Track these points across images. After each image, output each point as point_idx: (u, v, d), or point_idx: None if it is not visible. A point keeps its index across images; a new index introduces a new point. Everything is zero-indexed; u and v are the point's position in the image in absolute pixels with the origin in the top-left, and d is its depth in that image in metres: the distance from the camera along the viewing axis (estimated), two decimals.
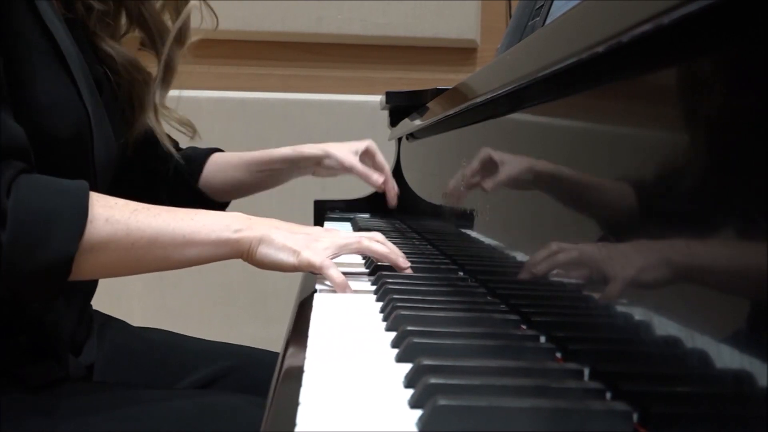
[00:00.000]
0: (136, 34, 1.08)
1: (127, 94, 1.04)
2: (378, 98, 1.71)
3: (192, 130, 1.15)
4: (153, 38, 1.05)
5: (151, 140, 1.12)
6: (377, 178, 1.27)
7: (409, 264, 0.90)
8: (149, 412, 0.83)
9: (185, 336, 1.15)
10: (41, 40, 0.81)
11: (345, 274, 0.83)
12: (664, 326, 0.42)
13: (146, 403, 0.84)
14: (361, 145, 1.31)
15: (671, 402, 0.42)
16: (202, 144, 1.23)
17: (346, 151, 1.27)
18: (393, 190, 1.35)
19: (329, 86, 2.16)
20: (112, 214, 0.77)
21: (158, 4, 1.06)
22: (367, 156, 1.32)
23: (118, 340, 1.06)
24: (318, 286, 0.83)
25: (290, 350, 0.58)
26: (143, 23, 1.05)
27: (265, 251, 0.82)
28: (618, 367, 0.48)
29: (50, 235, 0.72)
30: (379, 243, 0.89)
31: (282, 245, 0.82)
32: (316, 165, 1.28)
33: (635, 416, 0.43)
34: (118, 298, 1.95)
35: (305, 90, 2.15)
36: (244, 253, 0.82)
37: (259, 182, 1.26)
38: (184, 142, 1.21)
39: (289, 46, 2.14)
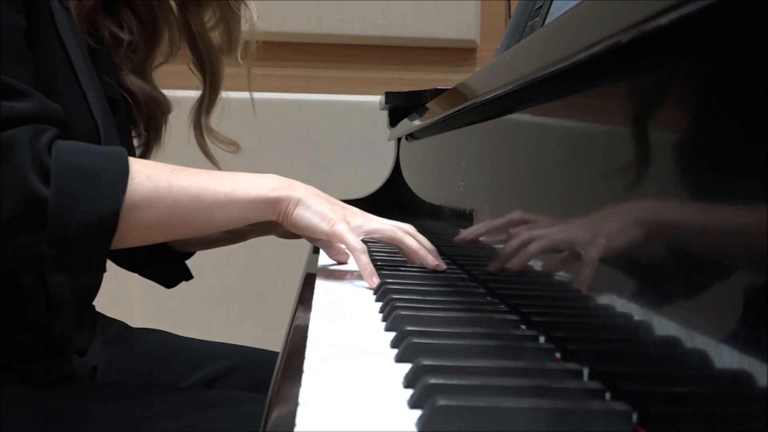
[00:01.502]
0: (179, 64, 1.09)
1: (144, 126, 1.06)
2: (377, 98, 1.71)
3: (236, 147, 1.13)
4: (200, 55, 1.05)
5: None
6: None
7: (438, 262, 0.90)
8: (150, 410, 0.83)
9: (185, 337, 1.15)
10: (58, 51, 0.82)
11: (344, 272, 0.83)
12: (663, 326, 0.42)
13: (148, 401, 0.84)
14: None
15: (671, 402, 0.42)
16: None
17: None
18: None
19: (328, 86, 2.16)
20: (153, 172, 0.77)
21: (209, 21, 1.05)
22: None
23: (119, 341, 1.07)
24: (318, 286, 0.83)
25: (289, 351, 0.58)
26: (192, 41, 1.04)
27: (302, 213, 0.82)
28: (617, 368, 0.48)
29: (94, 190, 0.72)
30: (411, 236, 0.89)
31: (318, 211, 0.83)
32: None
33: (635, 416, 0.43)
34: (118, 300, 1.95)
35: (304, 90, 2.15)
36: (281, 213, 0.82)
37: (222, 240, 1.11)
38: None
39: (289, 47, 2.14)
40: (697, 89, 0.40)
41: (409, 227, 0.92)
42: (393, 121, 1.65)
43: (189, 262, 1.15)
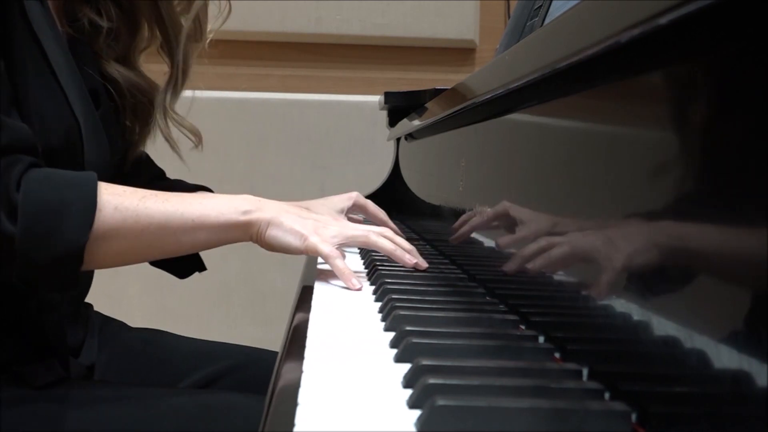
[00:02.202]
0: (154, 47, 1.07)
1: (131, 115, 1.04)
2: (377, 98, 1.72)
3: (199, 139, 1.11)
4: (168, 38, 1.03)
5: (148, 159, 1.13)
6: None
7: (416, 260, 0.90)
8: (150, 410, 0.83)
9: (184, 337, 1.15)
10: (32, 49, 0.81)
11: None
12: (662, 326, 0.42)
13: (147, 401, 0.84)
14: (345, 202, 1.12)
15: (670, 402, 0.42)
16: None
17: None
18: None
19: (328, 86, 2.16)
20: (120, 202, 0.78)
21: (177, 5, 1.04)
22: (357, 210, 1.16)
23: (118, 341, 1.07)
24: (317, 286, 0.83)
25: (289, 350, 0.58)
26: (160, 23, 1.03)
27: (274, 233, 0.83)
28: (616, 368, 0.49)
29: (61, 226, 0.73)
30: (386, 239, 0.90)
31: (290, 228, 0.83)
32: None
33: (634, 416, 0.43)
34: (117, 300, 1.95)
35: (304, 90, 2.15)
36: (253, 235, 0.84)
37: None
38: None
39: (288, 47, 2.14)
40: (697, 89, 0.40)
41: (385, 230, 0.92)
42: (392, 121, 1.65)
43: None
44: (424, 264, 0.91)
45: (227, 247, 1.20)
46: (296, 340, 0.61)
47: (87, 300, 1.04)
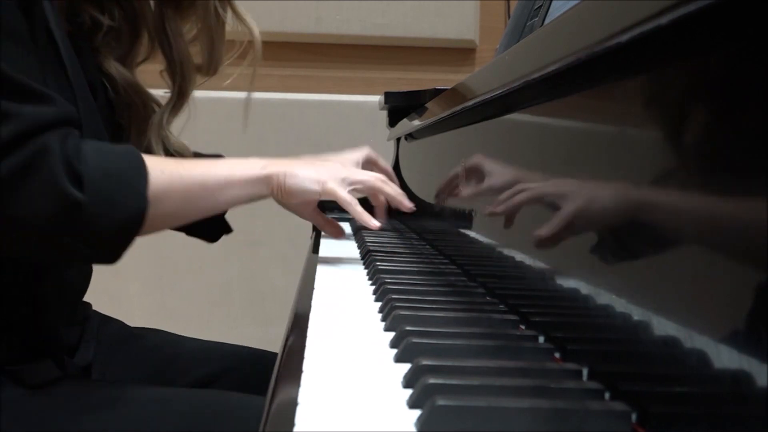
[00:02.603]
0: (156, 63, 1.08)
1: (125, 114, 1.05)
2: (377, 98, 1.71)
3: (187, 151, 1.13)
4: (173, 64, 1.05)
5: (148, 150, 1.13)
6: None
7: (411, 204, 1.02)
8: (148, 410, 0.83)
9: (184, 336, 1.15)
10: (46, 41, 0.82)
11: (344, 272, 0.83)
12: (662, 326, 0.42)
13: (145, 400, 0.84)
14: (358, 155, 1.18)
15: (670, 402, 0.42)
16: (201, 147, 1.23)
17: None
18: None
19: (328, 86, 2.16)
20: (165, 166, 0.83)
21: (189, 34, 1.05)
22: (369, 164, 1.21)
23: (117, 340, 1.07)
24: (317, 285, 0.83)
25: (289, 350, 0.58)
26: (163, 43, 1.04)
27: (292, 182, 0.91)
28: (616, 368, 0.48)
29: (122, 190, 0.77)
30: (388, 185, 1.00)
31: (306, 176, 0.92)
32: None
33: (634, 416, 0.43)
34: (116, 299, 1.95)
35: (304, 90, 2.15)
36: (273, 187, 0.91)
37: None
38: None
39: (288, 47, 2.14)
40: (697, 89, 0.40)
41: (384, 177, 1.02)
42: (392, 121, 1.65)
43: (189, 261, 1.16)
44: (412, 206, 1.03)
45: (227, 247, 1.21)
46: (296, 340, 0.61)
47: (86, 299, 1.04)
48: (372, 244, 1.11)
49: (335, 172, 0.95)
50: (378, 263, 0.93)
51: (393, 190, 1.00)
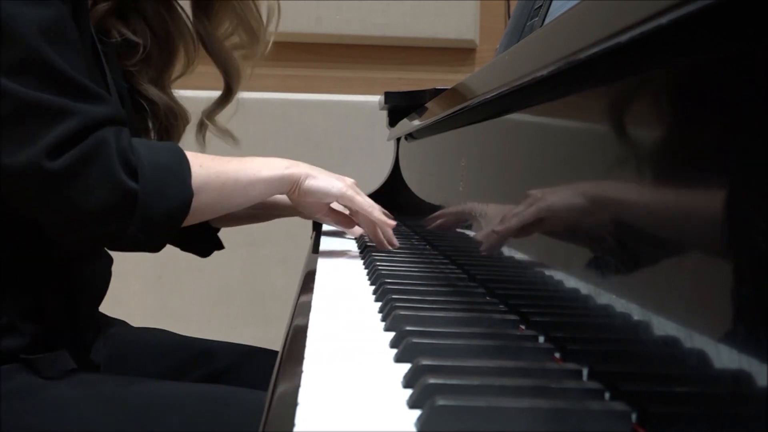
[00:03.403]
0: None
1: (160, 132, 1.12)
2: (377, 98, 1.71)
3: (232, 139, 1.21)
4: (220, 68, 1.14)
5: None
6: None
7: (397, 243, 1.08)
8: (155, 401, 0.84)
9: (185, 336, 1.15)
10: (91, 51, 0.89)
11: (344, 271, 0.83)
12: (662, 326, 0.42)
13: (152, 394, 0.85)
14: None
15: (670, 402, 0.42)
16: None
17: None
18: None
19: (328, 86, 2.16)
20: (202, 161, 0.89)
21: (228, 28, 1.12)
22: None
23: (119, 340, 1.07)
24: (317, 286, 0.83)
25: (289, 350, 0.58)
26: (211, 53, 1.12)
27: (312, 183, 0.98)
28: (616, 367, 0.48)
29: (171, 182, 0.83)
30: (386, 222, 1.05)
31: (326, 179, 1.00)
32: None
33: (634, 416, 0.43)
34: (117, 299, 1.95)
35: (304, 90, 2.15)
36: (293, 186, 0.98)
37: (251, 218, 1.25)
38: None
39: (288, 46, 2.14)
40: (698, 89, 0.40)
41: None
42: (392, 121, 1.65)
43: (190, 262, 1.17)
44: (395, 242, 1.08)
45: (228, 247, 1.21)
46: (296, 339, 0.61)
47: None
48: (372, 244, 1.11)
49: (349, 182, 1.03)
50: (378, 263, 0.93)
51: (388, 228, 1.06)
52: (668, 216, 0.43)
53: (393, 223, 1.07)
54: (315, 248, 1.11)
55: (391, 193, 1.61)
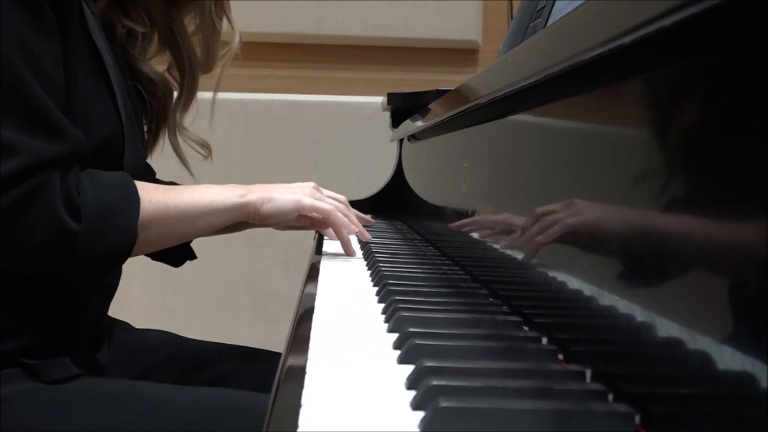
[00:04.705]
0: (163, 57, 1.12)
1: (158, 114, 1.10)
2: (379, 99, 1.72)
3: (208, 150, 1.18)
4: (182, 63, 1.10)
5: (150, 168, 1.17)
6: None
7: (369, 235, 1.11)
8: (157, 405, 0.84)
9: (187, 338, 1.15)
10: (88, 55, 0.88)
11: (347, 272, 0.83)
12: (665, 328, 0.42)
13: (153, 397, 0.85)
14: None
15: (673, 404, 0.42)
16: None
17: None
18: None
19: (330, 87, 2.16)
20: (152, 195, 0.88)
21: (189, 26, 1.09)
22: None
23: (122, 341, 1.07)
24: (320, 287, 0.83)
25: (292, 351, 0.58)
26: (173, 43, 1.09)
27: (269, 207, 0.97)
28: (620, 369, 0.49)
29: (116, 221, 0.83)
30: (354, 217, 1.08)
31: (282, 199, 0.99)
32: None
33: (637, 418, 0.43)
34: (120, 300, 1.95)
35: (306, 91, 2.15)
36: (249, 213, 0.97)
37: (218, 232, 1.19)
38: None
39: (290, 47, 2.14)
40: (703, 90, 0.40)
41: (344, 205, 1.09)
42: (395, 122, 1.65)
43: (191, 263, 1.16)
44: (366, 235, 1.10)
45: (229, 248, 1.21)
46: (299, 340, 0.61)
47: None
48: (375, 246, 1.11)
49: (308, 190, 1.02)
50: (381, 265, 0.93)
51: (352, 222, 1.06)
52: (671, 218, 0.43)
53: (354, 228, 1.07)
54: (318, 249, 1.11)
55: (394, 194, 1.61)
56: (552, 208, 0.62)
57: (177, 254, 1.15)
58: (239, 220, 0.97)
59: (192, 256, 1.18)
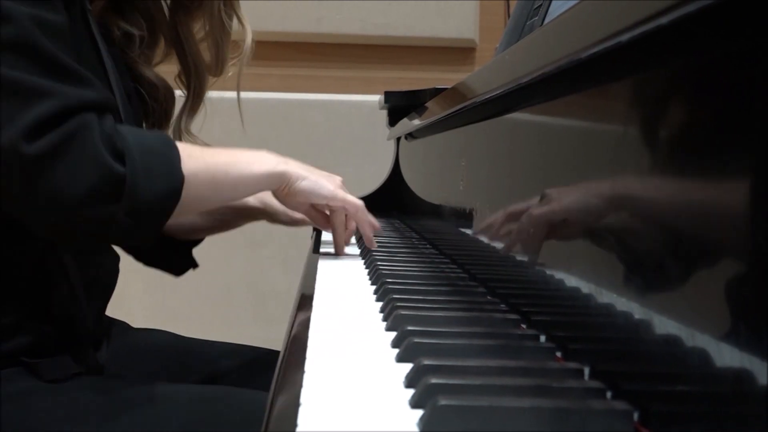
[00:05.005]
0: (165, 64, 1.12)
1: (159, 117, 1.09)
2: (377, 98, 1.71)
3: None
4: (187, 67, 1.09)
5: None
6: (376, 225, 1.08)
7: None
8: (158, 405, 0.83)
9: (186, 337, 1.15)
10: (90, 50, 0.88)
11: (345, 271, 0.83)
12: (664, 325, 0.42)
13: (153, 396, 0.85)
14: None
15: (672, 401, 0.42)
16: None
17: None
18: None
19: (328, 86, 2.16)
20: (191, 151, 0.86)
21: (199, 34, 1.09)
22: None
23: (121, 340, 1.07)
24: (318, 285, 0.83)
25: (290, 350, 0.58)
26: (178, 47, 1.09)
27: (304, 184, 0.96)
28: (618, 366, 0.49)
29: (160, 167, 0.80)
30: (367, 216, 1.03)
31: (320, 182, 0.98)
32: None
33: (636, 415, 0.43)
34: (118, 299, 1.95)
35: (304, 90, 2.15)
36: (284, 184, 0.95)
37: (215, 228, 1.19)
38: None
39: (289, 46, 2.14)
40: (698, 89, 0.40)
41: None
42: (392, 121, 1.65)
43: None
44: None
45: (228, 247, 1.21)
46: (298, 340, 0.61)
47: None
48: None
49: (338, 182, 1.01)
50: (379, 263, 0.93)
51: (369, 223, 1.04)
52: (669, 215, 0.43)
53: (377, 226, 1.06)
54: (316, 248, 1.11)
55: (392, 192, 1.61)
56: (549, 206, 0.62)
57: (176, 262, 1.13)
58: (271, 188, 0.96)
59: (193, 264, 1.15)
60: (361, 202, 1.02)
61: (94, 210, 0.76)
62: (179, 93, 1.12)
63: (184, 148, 0.85)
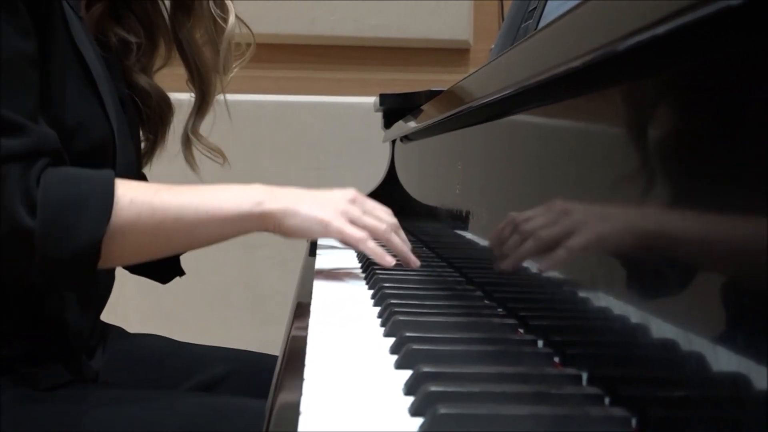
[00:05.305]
0: (173, 67, 1.11)
1: (151, 128, 1.07)
2: (371, 99, 1.71)
3: (222, 157, 1.14)
4: (191, 70, 1.07)
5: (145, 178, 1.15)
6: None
7: (418, 262, 0.92)
8: (154, 412, 0.83)
9: (183, 342, 1.15)
10: (72, 59, 0.84)
11: (343, 276, 0.83)
12: (662, 330, 0.42)
13: (151, 403, 0.85)
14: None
15: (670, 407, 0.42)
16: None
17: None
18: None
19: (323, 88, 2.16)
20: (136, 195, 0.78)
21: (199, 37, 1.07)
22: None
23: (116, 346, 1.07)
24: (316, 290, 0.83)
25: (289, 357, 0.58)
26: (181, 50, 1.07)
27: (293, 222, 0.83)
28: (616, 372, 0.49)
29: (79, 219, 0.74)
30: (399, 240, 0.91)
31: (307, 215, 0.84)
32: None
33: (634, 421, 0.44)
34: (113, 303, 1.94)
35: (298, 92, 2.15)
36: (269, 226, 0.84)
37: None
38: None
39: (283, 48, 2.13)
40: (694, 94, 0.41)
41: (395, 221, 0.93)
42: (387, 123, 1.65)
43: (187, 263, 1.15)
44: (417, 262, 0.92)
45: (225, 249, 1.20)
46: (296, 346, 0.61)
47: None
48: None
49: (342, 205, 0.87)
50: (376, 267, 0.93)
51: (402, 247, 0.91)
52: (667, 220, 0.43)
53: (390, 261, 0.88)
54: (312, 251, 1.11)
55: (388, 194, 1.61)
56: (545, 210, 0.62)
57: (163, 270, 1.07)
58: (255, 230, 0.85)
59: (180, 272, 1.09)
60: (361, 233, 0.86)
61: (6, 264, 0.75)
62: (184, 97, 1.12)
63: (127, 191, 0.78)
